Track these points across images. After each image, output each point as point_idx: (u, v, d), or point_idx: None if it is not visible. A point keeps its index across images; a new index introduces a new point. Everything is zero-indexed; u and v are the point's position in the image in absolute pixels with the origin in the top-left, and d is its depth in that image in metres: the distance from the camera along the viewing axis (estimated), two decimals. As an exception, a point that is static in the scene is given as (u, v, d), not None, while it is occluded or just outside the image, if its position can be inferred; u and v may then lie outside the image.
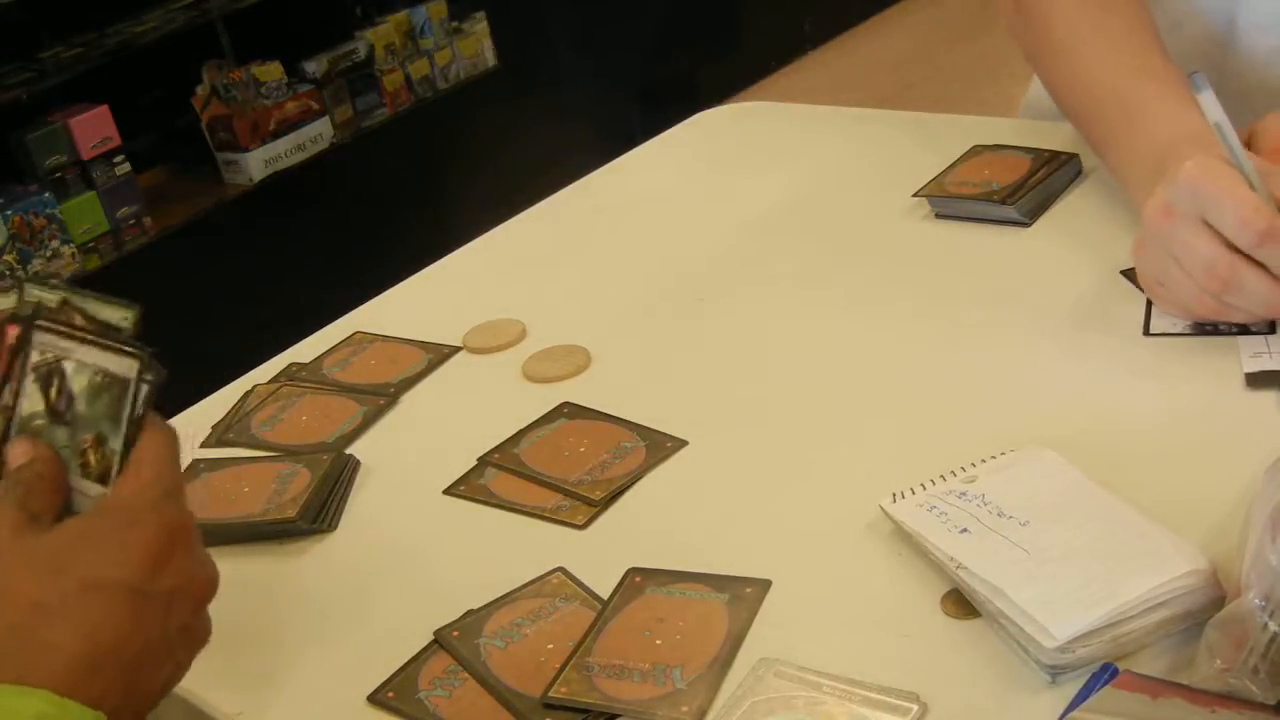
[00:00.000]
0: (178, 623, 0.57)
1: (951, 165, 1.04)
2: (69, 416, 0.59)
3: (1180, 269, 0.77)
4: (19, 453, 0.59)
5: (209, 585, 0.59)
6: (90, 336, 0.59)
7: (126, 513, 0.57)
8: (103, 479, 0.59)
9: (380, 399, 0.90)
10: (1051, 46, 0.99)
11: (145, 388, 0.58)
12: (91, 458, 0.59)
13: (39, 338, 0.60)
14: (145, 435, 0.59)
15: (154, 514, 0.57)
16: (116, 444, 0.58)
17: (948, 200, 1.01)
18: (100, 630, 0.53)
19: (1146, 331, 0.82)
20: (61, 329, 0.60)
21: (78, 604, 0.53)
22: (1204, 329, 0.80)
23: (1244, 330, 0.79)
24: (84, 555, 0.55)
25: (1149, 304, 0.84)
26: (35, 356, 0.60)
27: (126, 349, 0.58)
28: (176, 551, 0.57)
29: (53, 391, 0.60)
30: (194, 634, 0.59)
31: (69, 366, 0.59)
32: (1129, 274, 0.84)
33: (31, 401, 0.60)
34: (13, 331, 0.61)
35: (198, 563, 0.59)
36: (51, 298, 0.61)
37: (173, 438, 0.60)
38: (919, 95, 3.47)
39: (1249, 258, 0.74)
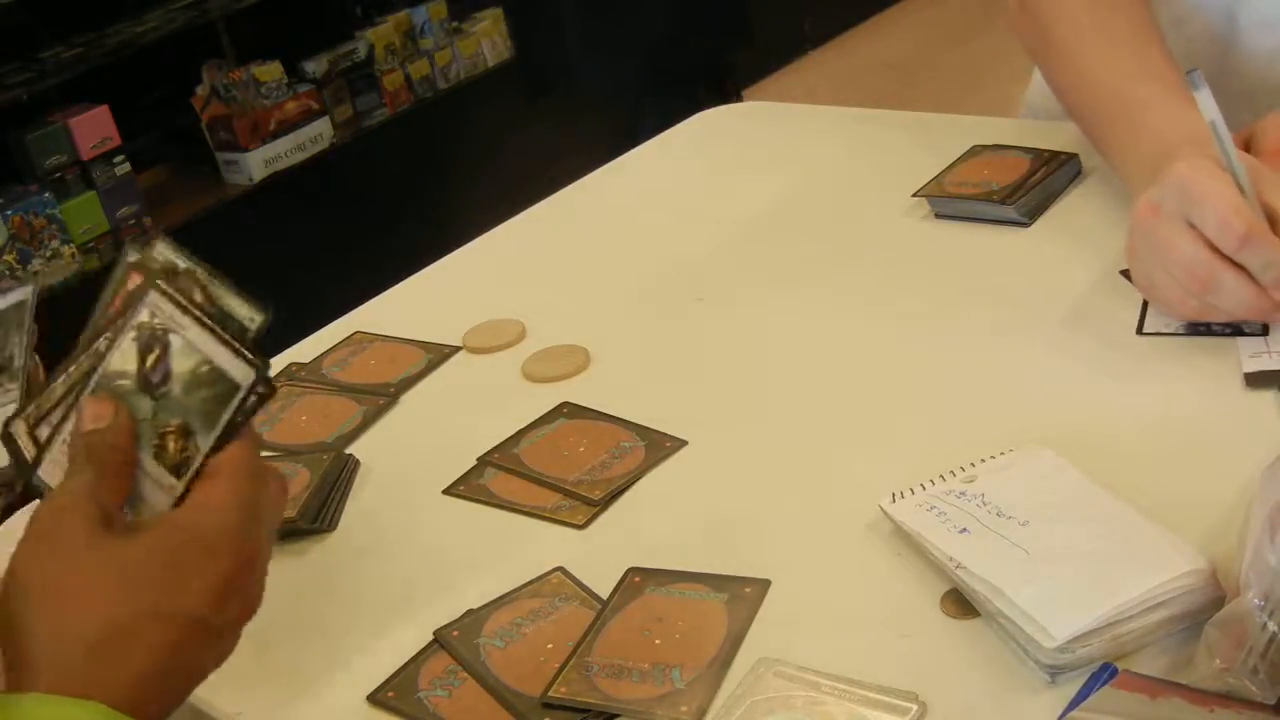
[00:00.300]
0: (229, 646, 0.58)
1: (951, 165, 1.04)
2: (160, 392, 0.56)
3: (1164, 268, 0.78)
4: (98, 412, 0.57)
5: (254, 609, 0.59)
6: (209, 323, 0.56)
7: (208, 540, 0.55)
8: (176, 471, 0.56)
9: (380, 399, 0.90)
10: (1055, 46, 0.99)
11: (253, 400, 0.55)
12: (171, 444, 0.56)
13: (153, 298, 0.56)
14: (235, 448, 0.57)
15: (235, 545, 0.56)
16: (205, 444, 0.56)
17: (947, 200, 1.01)
18: (165, 656, 0.53)
19: (1141, 331, 0.82)
20: (181, 300, 0.56)
21: (150, 628, 0.53)
22: (1199, 329, 0.80)
23: (1238, 331, 0.79)
24: (162, 579, 0.54)
25: (1145, 304, 0.84)
26: (143, 315, 0.56)
27: (246, 354, 0.55)
28: (247, 582, 0.57)
29: (151, 358, 0.56)
30: (229, 648, 0.59)
31: (175, 341, 0.56)
32: (1128, 274, 0.84)
33: (123, 359, 0.56)
34: (135, 279, 0.57)
35: (257, 592, 0.58)
36: (179, 262, 0.58)
37: (253, 452, 0.58)
38: (919, 95, 3.47)
39: (1230, 259, 0.74)
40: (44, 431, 0.59)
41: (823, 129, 1.23)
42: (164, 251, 0.59)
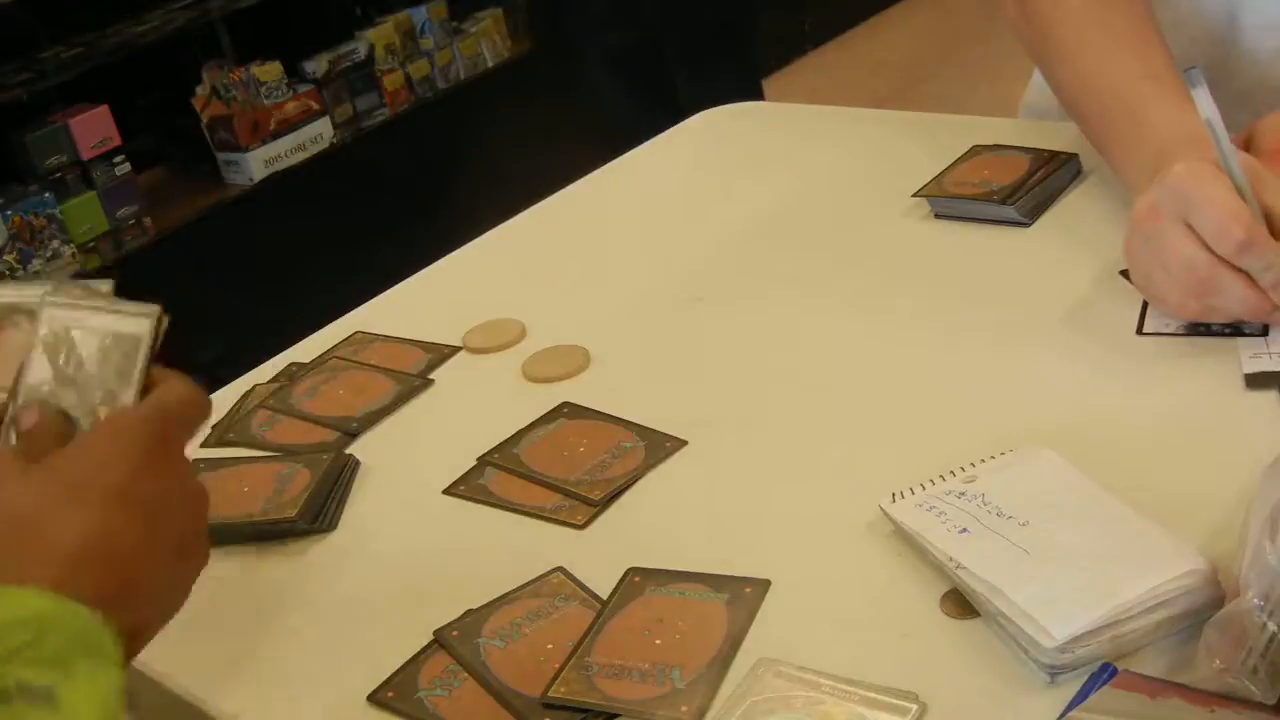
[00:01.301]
0: (171, 532, 0.58)
1: (951, 165, 1.04)
2: (80, 378, 0.61)
3: (1163, 269, 0.78)
4: (27, 417, 0.61)
5: (199, 499, 0.61)
6: (100, 305, 0.62)
7: (113, 424, 0.59)
8: None
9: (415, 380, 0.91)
10: (1054, 45, 0.99)
11: (159, 340, 0.61)
12: (102, 413, 0.61)
13: (48, 313, 0.62)
14: (161, 385, 0.61)
15: (140, 424, 0.59)
16: (128, 396, 0.60)
17: (947, 200, 1.01)
18: (89, 527, 0.55)
19: (1141, 331, 0.82)
20: (70, 300, 0.62)
21: (66, 505, 0.55)
22: (1199, 329, 0.80)
23: (1238, 331, 0.79)
24: (77, 463, 0.57)
25: (1144, 304, 0.84)
26: (43, 330, 0.62)
27: (135, 308, 0.61)
28: (158, 460, 0.58)
29: (60, 359, 0.61)
30: (191, 548, 0.60)
31: (77, 335, 0.62)
32: (1128, 274, 0.84)
33: (39, 371, 0.62)
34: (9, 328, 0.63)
35: (184, 476, 0.60)
36: (34, 294, 0.63)
37: (187, 387, 0.62)
38: (919, 95, 3.47)
39: (1229, 262, 0.75)
40: None
41: (823, 129, 1.23)
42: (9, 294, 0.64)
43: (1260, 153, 0.83)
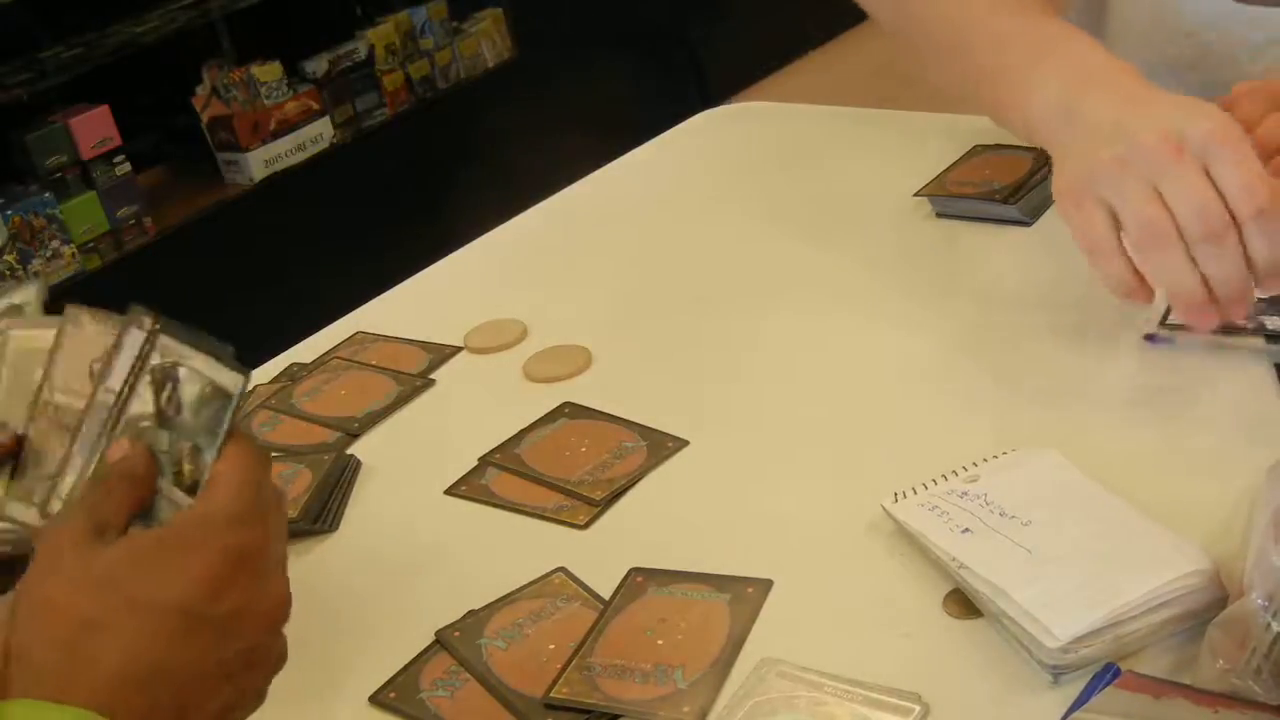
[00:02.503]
0: (238, 647, 0.55)
1: (952, 165, 1.04)
2: (175, 422, 0.59)
3: (1154, 207, 0.71)
4: (116, 450, 0.58)
5: (277, 610, 0.57)
6: (206, 346, 0.59)
7: (189, 535, 0.55)
8: (192, 490, 0.58)
9: (416, 380, 0.90)
10: (933, 24, 0.92)
11: (242, 410, 0.58)
12: (186, 467, 0.58)
13: (163, 340, 0.60)
14: (230, 451, 0.57)
15: (218, 538, 0.55)
16: (210, 456, 0.58)
17: (949, 200, 1.01)
18: (145, 650, 0.52)
19: (1147, 332, 0.82)
20: (183, 335, 0.60)
21: (124, 622, 0.52)
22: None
23: (1259, 329, 0.78)
24: (138, 574, 0.53)
25: (1148, 304, 0.83)
26: (156, 359, 0.60)
27: (234, 363, 0.58)
28: (239, 578, 0.55)
29: (164, 396, 0.59)
30: (262, 657, 0.57)
31: (183, 373, 0.59)
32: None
33: (142, 402, 0.60)
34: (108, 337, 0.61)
35: (265, 587, 0.57)
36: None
37: (261, 458, 0.58)
38: (919, 95, 3.47)
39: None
40: (55, 505, 0.62)
41: (823, 129, 1.23)
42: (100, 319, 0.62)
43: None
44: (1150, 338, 0.70)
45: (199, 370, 0.59)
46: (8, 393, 0.62)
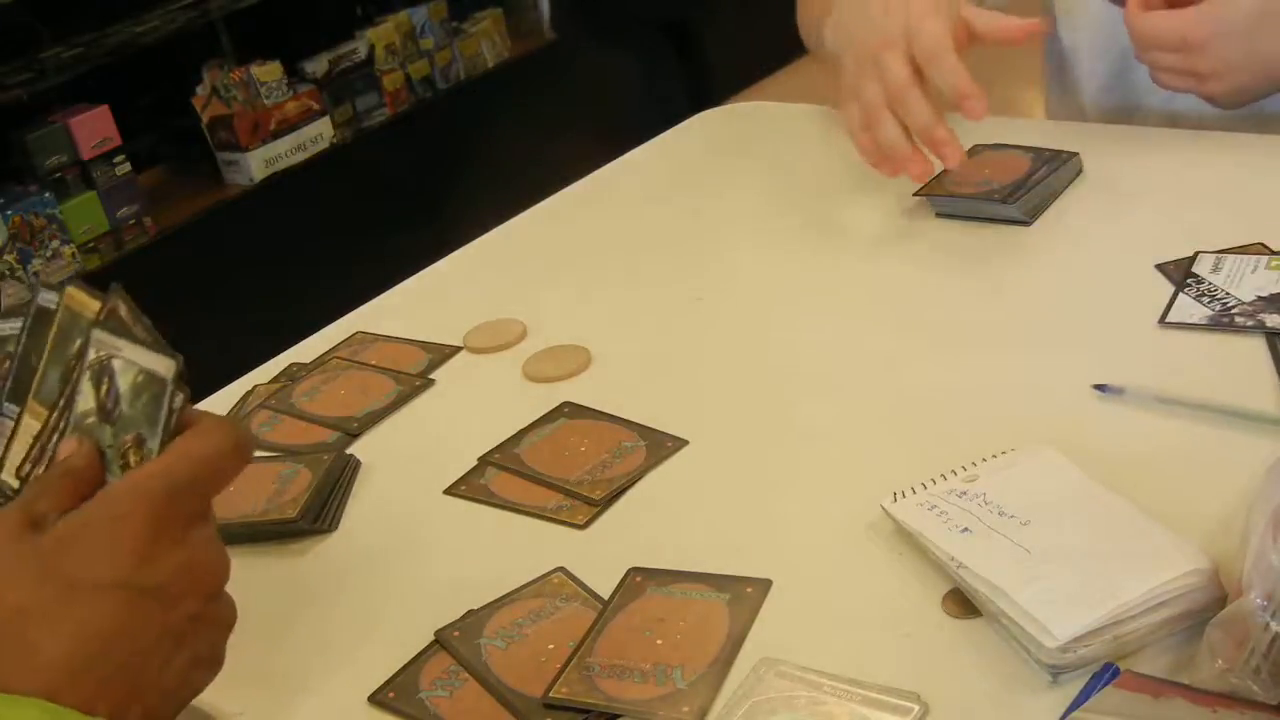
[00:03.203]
0: (183, 614, 0.55)
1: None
2: (115, 415, 0.59)
3: (873, 94, 0.94)
4: (64, 450, 0.59)
5: (216, 571, 0.57)
6: (137, 334, 0.59)
7: (115, 504, 0.55)
8: None
9: (416, 380, 0.90)
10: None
11: (180, 395, 0.57)
12: (132, 458, 0.58)
13: (96, 335, 0.59)
14: (185, 433, 0.57)
15: (142, 505, 0.54)
16: (154, 445, 0.57)
17: (948, 199, 1.01)
18: (87, 630, 0.52)
19: (1163, 322, 0.82)
20: (116, 325, 0.59)
21: (62, 606, 0.52)
22: (1220, 322, 0.80)
23: (1259, 326, 0.79)
24: (70, 554, 0.53)
25: (1171, 300, 0.84)
26: (92, 354, 0.60)
27: (166, 350, 0.58)
28: (164, 541, 0.54)
29: (102, 390, 0.59)
30: (211, 621, 0.57)
31: (117, 364, 0.59)
32: (1163, 268, 0.84)
33: (85, 399, 0.60)
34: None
35: (198, 550, 0.56)
36: (100, 299, 0.61)
37: (217, 441, 0.57)
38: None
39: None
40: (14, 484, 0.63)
41: (823, 129, 1.23)
42: (80, 295, 0.62)
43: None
44: (1100, 388, 0.73)
45: (130, 360, 0.58)
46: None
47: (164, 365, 0.57)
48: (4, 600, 0.52)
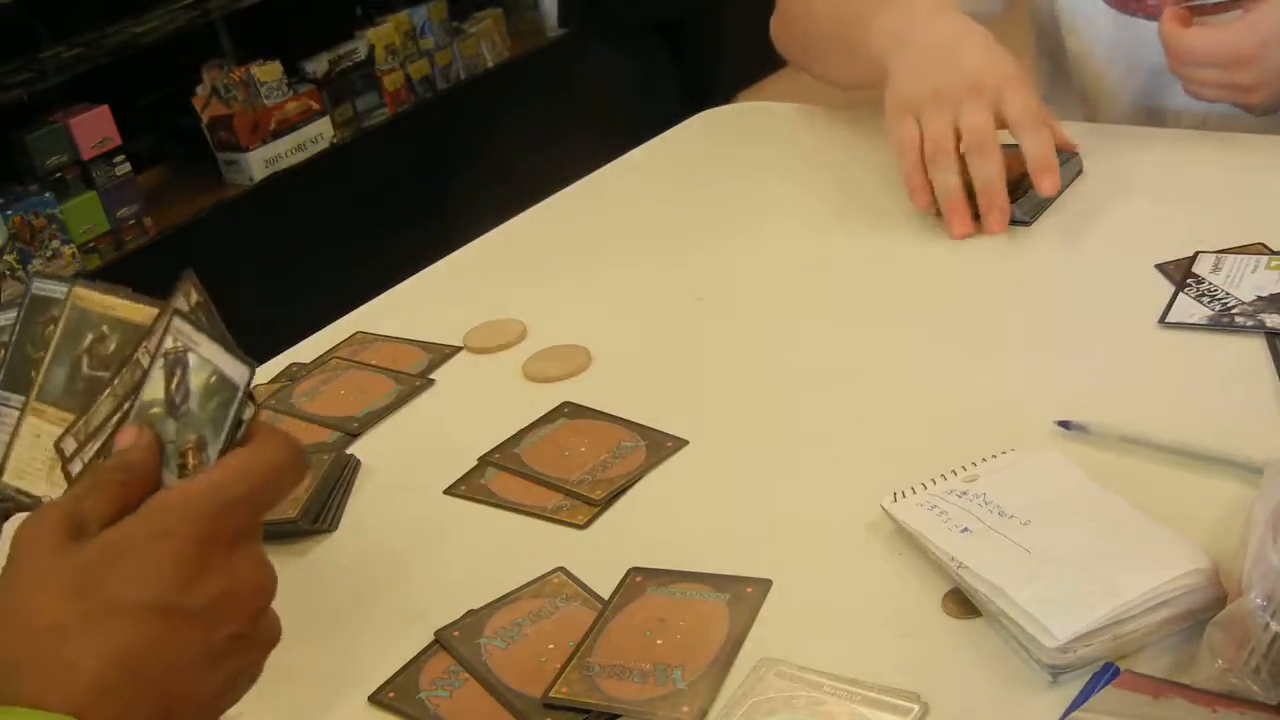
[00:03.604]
0: (224, 635, 0.53)
1: (954, 162, 1.04)
2: (181, 411, 0.56)
3: (945, 129, 0.96)
4: (125, 438, 0.56)
5: (260, 592, 0.55)
6: (216, 331, 0.56)
7: (159, 521, 0.53)
8: None
9: (416, 380, 0.90)
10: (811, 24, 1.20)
11: (250, 407, 0.55)
12: (190, 459, 0.56)
13: (175, 323, 0.57)
14: (243, 446, 0.55)
15: (190, 524, 0.52)
16: (214, 451, 0.55)
17: None
18: (123, 650, 0.50)
19: (1163, 320, 0.82)
20: (196, 318, 0.57)
21: (99, 624, 0.50)
22: (1220, 322, 0.80)
23: (1259, 327, 0.79)
24: (111, 572, 0.51)
25: (1173, 299, 0.84)
26: (168, 342, 0.57)
27: (239, 353, 0.55)
28: (213, 562, 0.53)
29: (174, 382, 0.57)
30: (253, 639, 0.55)
31: (192, 360, 0.56)
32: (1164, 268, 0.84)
33: (154, 388, 0.57)
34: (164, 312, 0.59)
35: (244, 570, 0.54)
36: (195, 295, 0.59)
37: (273, 456, 0.55)
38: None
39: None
40: (76, 466, 0.60)
41: (823, 129, 1.23)
42: (92, 294, 0.61)
43: None
44: (1064, 424, 0.73)
45: (207, 358, 0.56)
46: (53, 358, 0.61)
47: (239, 371, 0.55)
48: (41, 614, 0.51)
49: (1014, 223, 0.97)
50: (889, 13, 1.06)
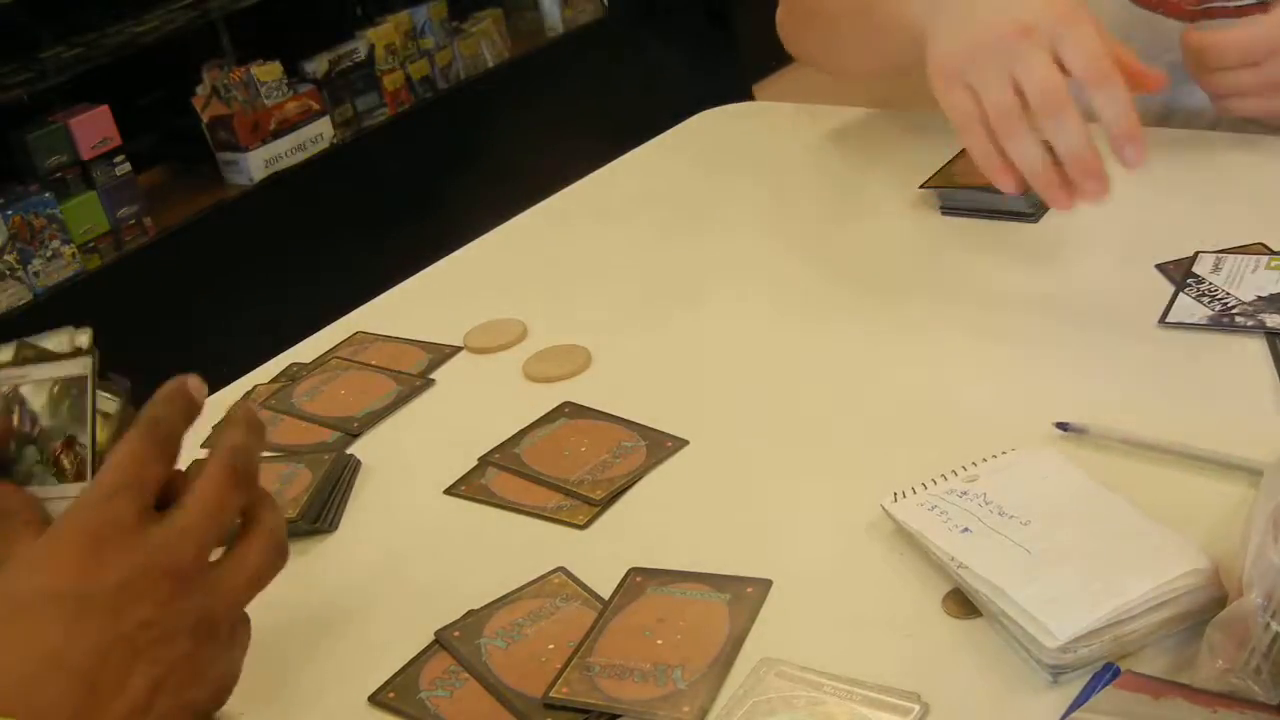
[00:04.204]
0: (135, 620, 0.53)
1: (958, 155, 1.04)
2: (35, 434, 0.60)
3: (1005, 93, 0.79)
4: None
5: (168, 577, 0.55)
6: (36, 354, 0.60)
7: (60, 521, 0.55)
8: (80, 476, 0.59)
9: (416, 380, 0.90)
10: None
11: (114, 397, 0.59)
12: (65, 462, 0.59)
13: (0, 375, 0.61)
14: (129, 432, 0.57)
15: (80, 516, 0.54)
16: (86, 439, 0.59)
17: (955, 191, 1.00)
18: (40, 643, 0.51)
19: (1163, 320, 0.82)
20: (9, 358, 0.61)
21: (12, 621, 0.52)
22: (1221, 322, 0.80)
23: (1259, 326, 0.79)
24: (15, 573, 0.53)
25: (1173, 299, 0.84)
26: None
27: (71, 352, 0.59)
28: (109, 550, 0.54)
29: (15, 419, 0.60)
30: (174, 628, 0.54)
31: (26, 390, 0.60)
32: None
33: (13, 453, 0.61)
34: None
35: (147, 557, 0.54)
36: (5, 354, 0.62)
37: (134, 441, 0.57)
38: (922, 95, 3.46)
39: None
40: None
41: (824, 129, 1.23)
42: None
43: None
44: (1062, 426, 0.73)
45: (41, 378, 0.60)
46: None
47: (78, 365, 0.59)
48: None
49: (1019, 215, 0.97)
50: None
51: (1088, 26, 0.79)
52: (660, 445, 0.80)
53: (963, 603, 0.63)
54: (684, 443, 0.80)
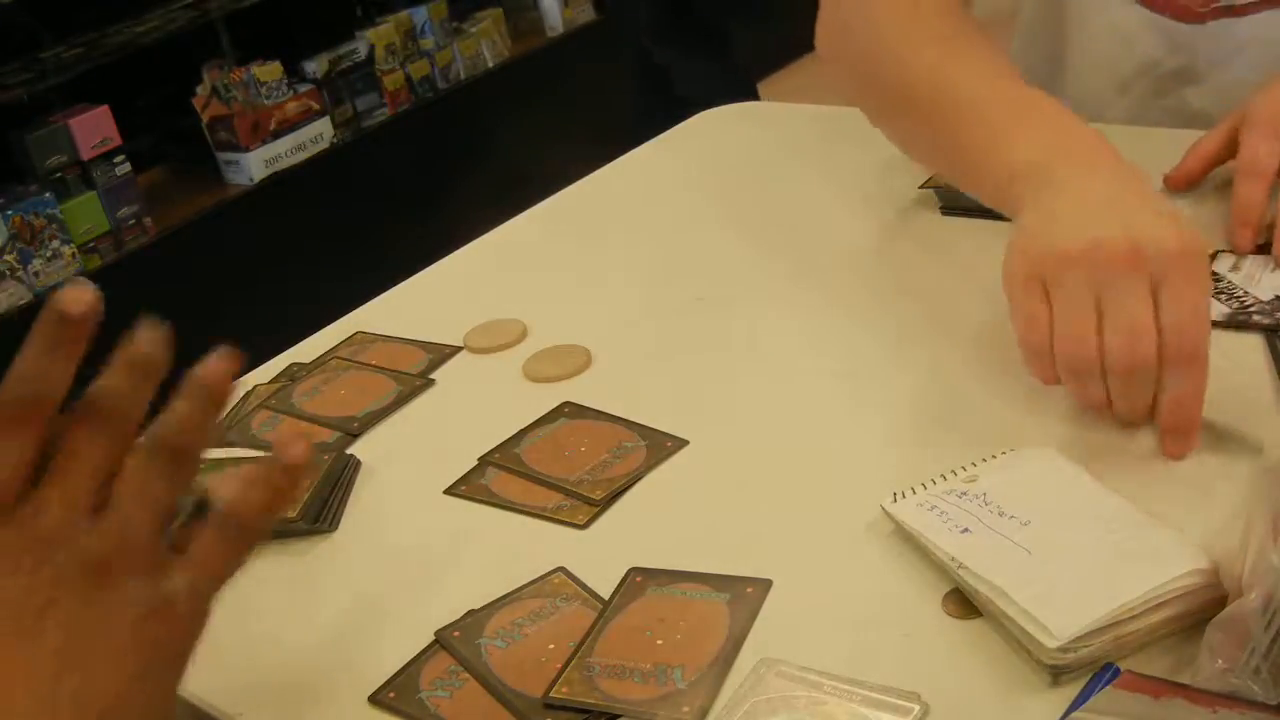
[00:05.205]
0: (31, 561, 0.50)
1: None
2: None
3: (1084, 326, 0.68)
4: None
5: (63, 528, 0.51)
6: None
7: None
8: None
9: (417, 380, 0.90)
10: (885, 51, 0.93)
11: None
12: None
13: None
14: None
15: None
16: None
17: (955, 191, 1.00)
18: None
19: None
20: None
21: None
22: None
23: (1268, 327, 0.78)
24: None
25: None
26: None
27: None
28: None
29: None
30: (69, 579, 0.51)
31: None
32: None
33: None
34: None
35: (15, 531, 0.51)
36: None
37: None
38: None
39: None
40: None
41: (824, 129, 1.23)
42: None
43: (1256, 123, 0.87)
44: None
45: None
46: None
47: None
48: None
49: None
50: (1031, 128, 0.79)
51: (1203, 281, 0.67)
52: (660, 445, 0.80)
53: (963, 603, 0.63)
54: (684, 443, 0.80)
